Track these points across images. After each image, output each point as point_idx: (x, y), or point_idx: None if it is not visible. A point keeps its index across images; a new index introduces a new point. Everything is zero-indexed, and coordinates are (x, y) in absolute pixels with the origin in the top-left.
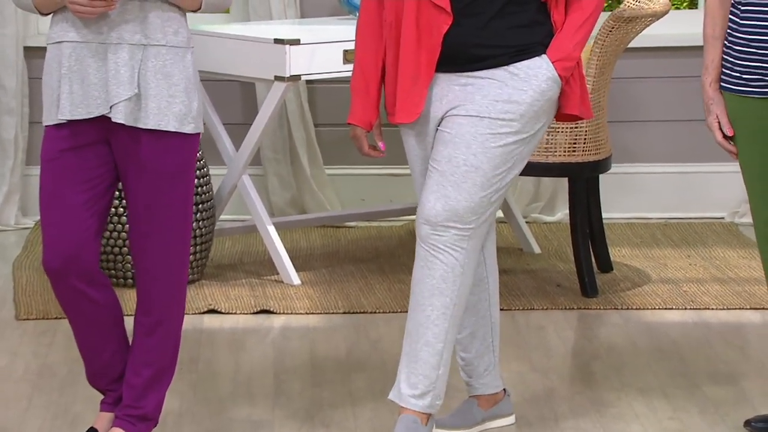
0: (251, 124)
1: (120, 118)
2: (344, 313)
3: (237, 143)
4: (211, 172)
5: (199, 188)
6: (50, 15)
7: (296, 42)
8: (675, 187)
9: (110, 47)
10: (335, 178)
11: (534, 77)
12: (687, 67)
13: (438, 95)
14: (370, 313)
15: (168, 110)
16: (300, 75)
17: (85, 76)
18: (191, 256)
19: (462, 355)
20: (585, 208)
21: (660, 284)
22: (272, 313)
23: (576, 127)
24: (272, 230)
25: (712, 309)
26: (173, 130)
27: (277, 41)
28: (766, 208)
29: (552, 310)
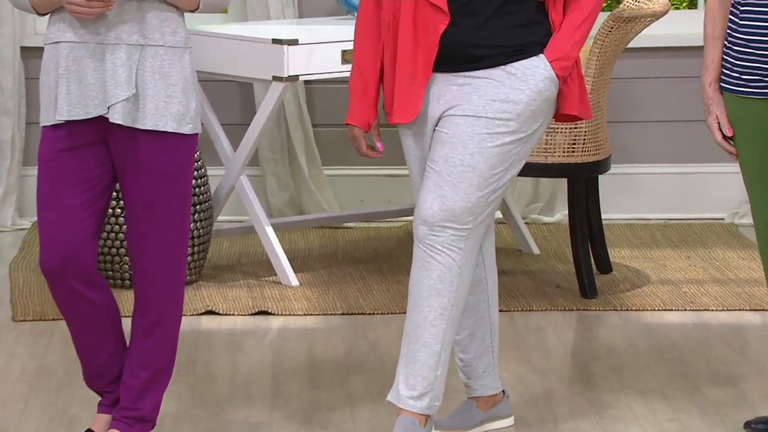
0: (249, 124)
1: (118, 119)
2: (342, 314)
3: (235, 144)
4: (208, 172)
5: (197, 189)
6: (47, 15)
7: (294, 42)
8: (674, 187)
9: (108, 47)
10: (333, 178)
11: (531, 77)
12: (687, 68)
13: (435, 95)
14: (369, 314)
15: (166, 111)
16: (298, 75)
17: (83, 77)
18: (189, 257)
19: (461, 356)
20: (584, 208)
21: (659, 285)
22: (270, 314)
23: (575, 128)
24: (270, 231)
25: (712, 310)
26: (171, 130)
27: (275, 41)
28: (767, 209)
29: (551, 311)
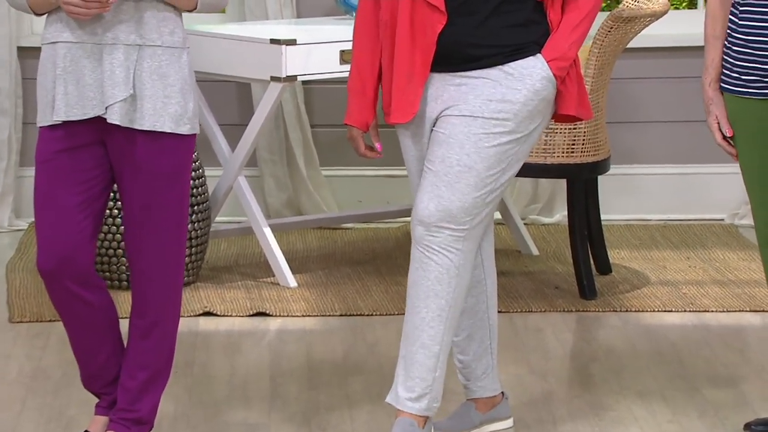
0: (247, 125)
1: (115, 119)
2: (341, 315)
3: (233, 144)
4: (206, 173)
5: (195, 189)
6: (44, 15)
7: (292, 42)
8: (674, 188)
9: (105, 48)
10: (332, 179)
11: (528, 76)
12: (686, 68)
13: (433, 95)
14: (367, 315)
15: (164, 111)
16: (296, 75)
17: (80, 77)
18: (186, 258)
19: (460, 357)
20: (583, 209)
21: (659, 286)
22: (268, 315)
23: (574, 128)
24: (268, 232)
25: (712, 311)
26: (169, 131)
27: (273, 41)
28: (767, 210)
29: (550, 312)
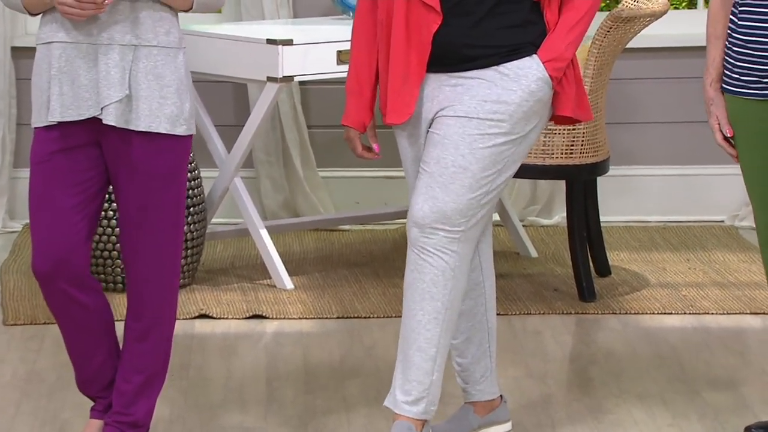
0: (243, 125)
1: (111, 120)
2: (338, 318)
3: (229, 145)
4: (202, 174)
5: (191, 191)
6: (39, 15)
7: (289, 42)
8: (674, 189)
9: (101, 48)
10: (329, 180)
11: (524, 77)
12: (686, 68)
13: (429, 96)
14: (364, 317)
15: (159, 112)
16: (293, 76)
17: (76, 78)
18: (182, 260)
19: (458, 360)
20: (583, 211)
21: (659, 288)
22: (265, 318)
23: (573, 129)
24: (265, 234)
25: (712, 314)
26: (165, 132)
27: (270, 41)
28: (767, 211)
29: (549, 314)
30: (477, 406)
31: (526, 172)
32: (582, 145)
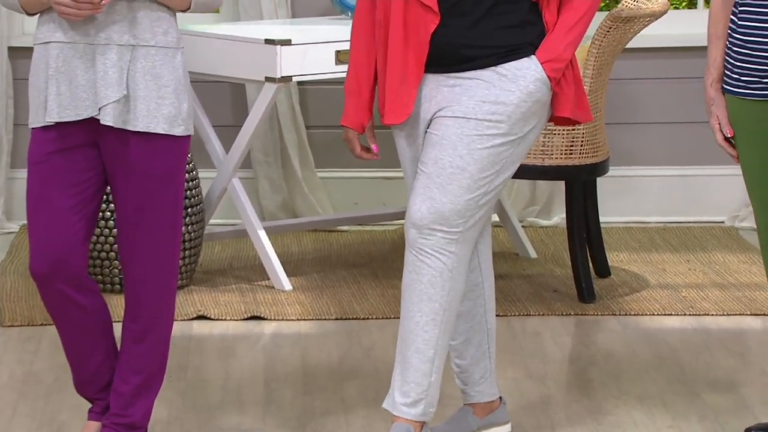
0: (241, 126)
1: (109, 121)
2: (336, 319)
3: (227, 146)
4: (200, 175)
5: (189, 192)
6: (37, 15)
7: (287, 42)
8: (674, 190)
9: (98, 48)
10: (327, 181)
11: (522, 78)
12: (686, 68)
13: (427, 96)
14: (363, 319)
15: (157, 112)
16: (291, 76)
17: (73, 78)
18: (180, 261)
19: (457, 362)
20: (582, 211)
21: (659, 289)
22: (263, 319)
23: (573, 130)
24: (263, 235)
25: (712, 315)
26: (162, 132)
27: (268, 41)
28: (767, 212)
29: (548, 315)
30: (476, 407)
31: (525, 172)
32: (581, 146)
